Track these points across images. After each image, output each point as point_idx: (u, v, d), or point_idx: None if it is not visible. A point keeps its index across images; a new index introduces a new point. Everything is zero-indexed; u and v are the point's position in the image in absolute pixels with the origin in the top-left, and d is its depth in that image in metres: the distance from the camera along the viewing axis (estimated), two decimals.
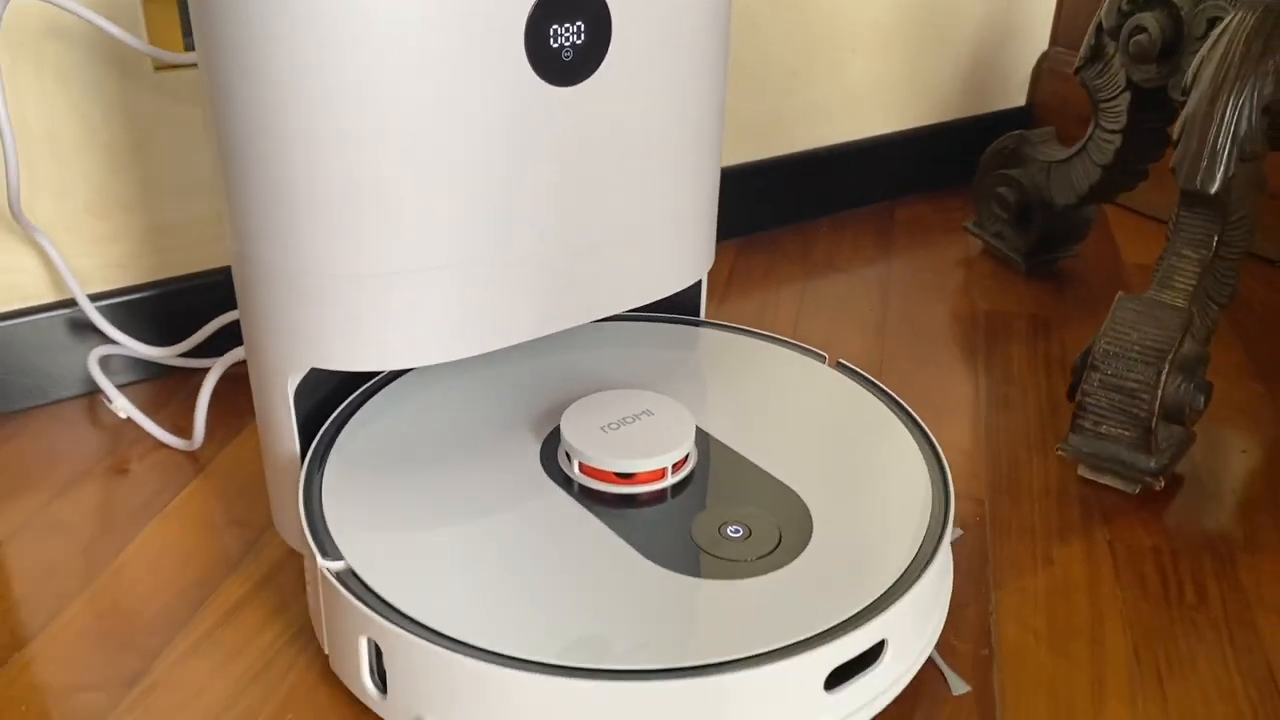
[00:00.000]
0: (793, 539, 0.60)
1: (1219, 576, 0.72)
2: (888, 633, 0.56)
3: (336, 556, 0.58)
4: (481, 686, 0.53)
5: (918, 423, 0.70)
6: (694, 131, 0.69)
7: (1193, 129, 0.74)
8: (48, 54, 0.78)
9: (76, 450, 0.82)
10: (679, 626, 0.54)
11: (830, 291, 1.09)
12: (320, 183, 0.57)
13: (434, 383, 0.74)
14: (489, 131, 0.59)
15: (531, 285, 0.65)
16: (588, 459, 0.64)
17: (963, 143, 1.30)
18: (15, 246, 0.83)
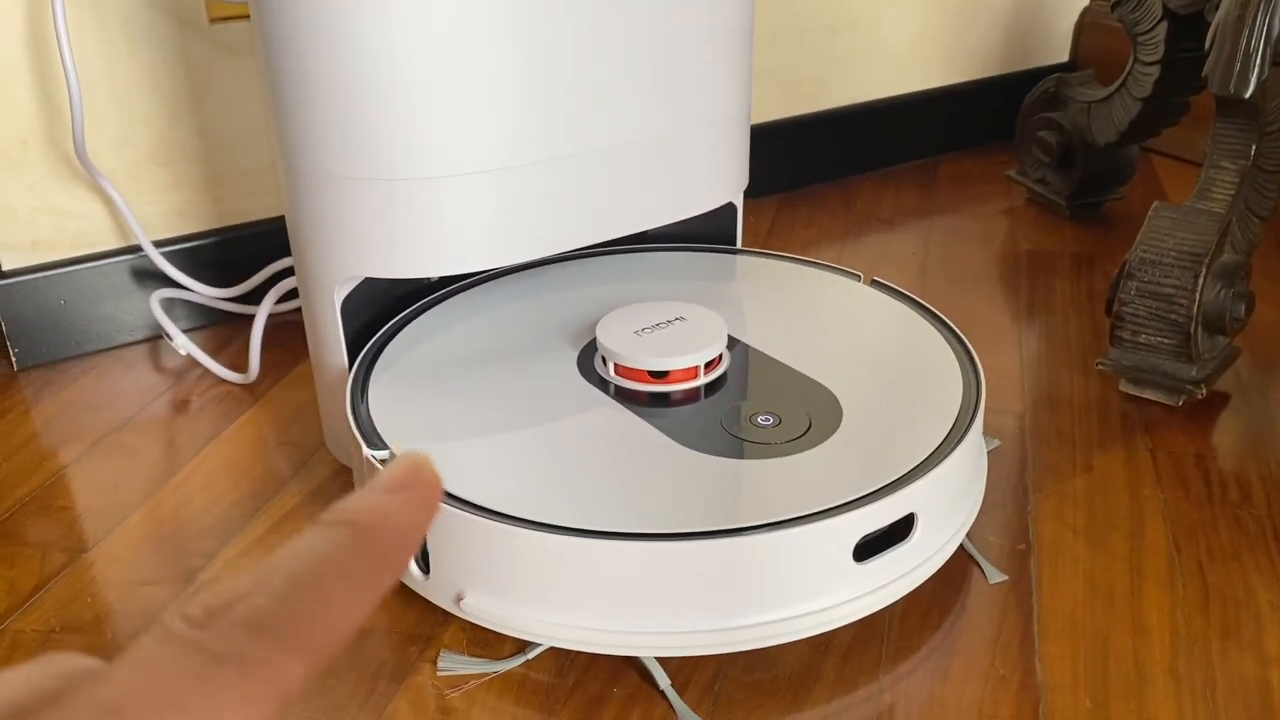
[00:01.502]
0: (822, 426, 0.61)
1: (1264, 479, 0.71)
2: (916, 507, 0.56)
3: (381, 446, 0.61)
4: (520, 555, 0.54)
5: (950, 326, 0.70)
6: (722, 40, 0.71)
7: (1225, 34, 0.74)
8: (109, 7, 0.83)
9: (140, 388, 0.86)
10: (708, 499, 0.56)
11: (872, 240, 1.09)
12: (356, 88, 0.60)
13: (477, 306, 0.76)
14: (519, 34, 0.61)
15: (570, 194, 0.67)
16: (623, 359, 0.65)
17: (1008, 99, 1.30)
18: (81, 194, 0.87)
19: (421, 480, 0.21)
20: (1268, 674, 0.56)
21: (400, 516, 0.20)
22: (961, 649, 0.58)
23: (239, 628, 0.17)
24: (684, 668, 0.56)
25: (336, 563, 0.18)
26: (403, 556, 0.19)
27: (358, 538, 0.19)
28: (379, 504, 0.20)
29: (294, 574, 0.18)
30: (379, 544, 0.19)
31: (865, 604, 0.56)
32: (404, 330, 0.73)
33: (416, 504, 0.20)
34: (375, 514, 0.19)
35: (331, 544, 0.19)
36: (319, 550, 0.18)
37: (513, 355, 0.70)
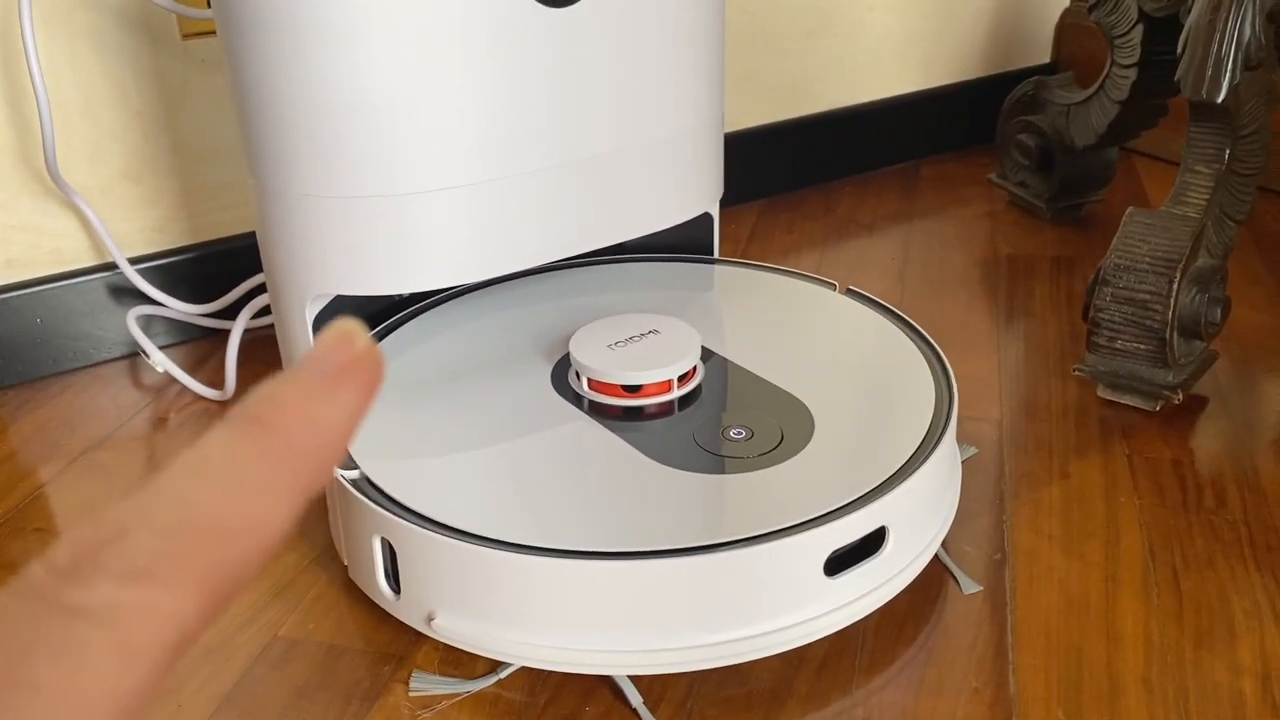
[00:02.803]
0: (795, 439, 0.61)
1: (1240, 483, 0.71)
2: (887, 520, 0.56)
3: (351, 466, 0.60)
4: (490, 575, 0.54)
5: (924, 336, 0.70)
6: (692, 55, 0.71)
7: (1196, 39, 0.74)
8: (79, 22, 0.82)
9: (118, 405, 0.86)
10: (679, 515, 0.56)
11: (852, 245, 1.09)
12: (323, 105, 0.60)
13: (451, 321, 0.76)
14: (487, 55, 0.61)
15: (543, 209, 0.67)
16: (596, 374, 0.65)
17: (989, 101, 1.30)
18: (56, 211, 0.87)
19: (352, 359, 0.17)
20: (1240, 683, 0.56)
21: (325, 409, 0.16)
22: (935, 661, 0.58)
23: (109, 574, 0.14)
24: (656, 685, 0.56)
25: (241, 474, 0.15)
26: (326, 463, 0.16)
27: (270, 439, 0.15)
28: (299, 393, 0.16)
29: (186, 497, 0.15)
30: (296, 447, 0.16)
31: (838, 618, 0.56)
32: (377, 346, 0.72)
33: (346, 391, 0.16)
34: (294, 408, 0.16)
35: (237, 450, 0.15)
36: (219, 460, 0.15)
37: (486, 370, 0.70)
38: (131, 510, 0.15)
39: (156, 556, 0.14)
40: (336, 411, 0.16)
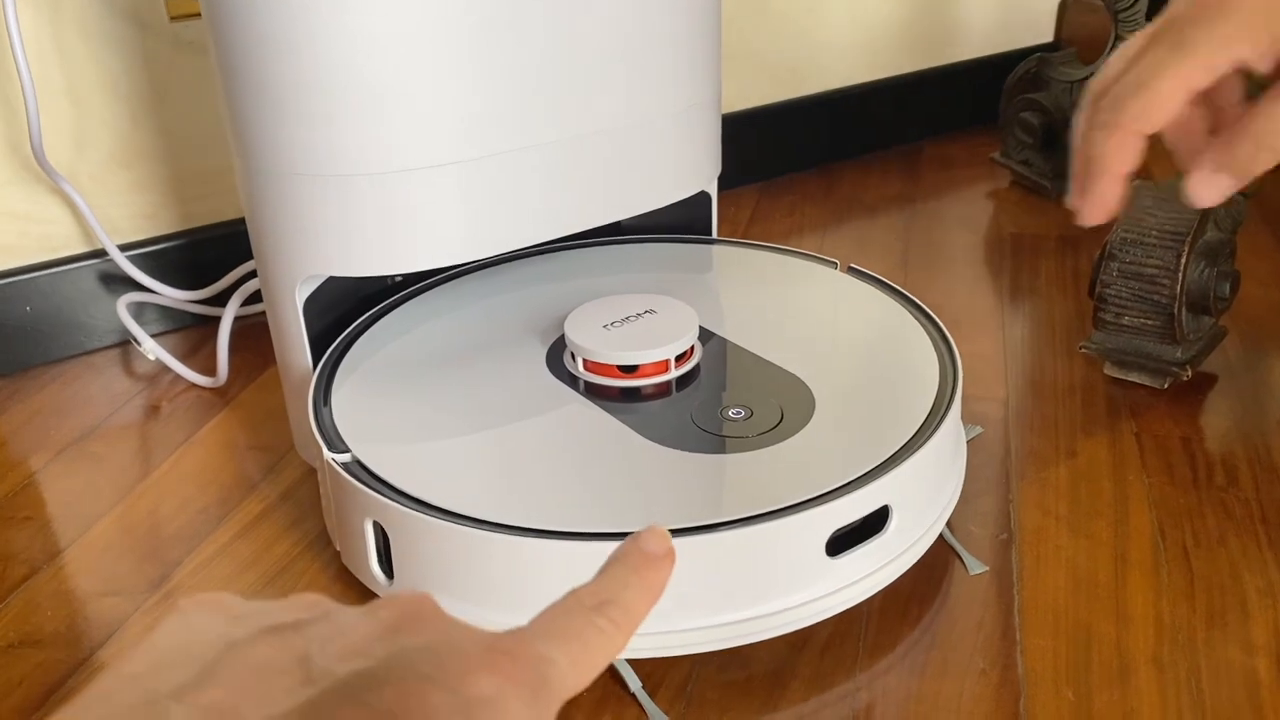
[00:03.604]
0: (795, 418, 0.60)
1: (1251, 460, 0.69)
2: (890, 499, 0.55)
3: (343, 449, 0.59)
4: (484, 558, 0.53)
5: (927, 313, 0.69)
6: (688, 33, 0.69)
7: None
8: (65, 7, 0.81)
9: (110, 393, 0.85)
10: (678, 496, 0.54)
11: (854, 226, 1.08)
12: (310, 82, 0.58)
13: (446, 303, 0.75)
14: (478, 23, 0.60)
15: (538, 187, 0.66)
16: (591, 355, 0.64)
17: (991, 80, 1.28)
18: (44, 198, 0.85)
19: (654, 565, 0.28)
20: (1254, 662, 0.54)
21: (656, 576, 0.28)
22: (941, 643, 0.57)
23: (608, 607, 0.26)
24: (656, 669, 0.55)
25: (629, 590, 0.27)
26: (660, 588, 0.28)
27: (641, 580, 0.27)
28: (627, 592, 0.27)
29: (615, 592, 0.27)
30: (653, 585, 0.28)
31: (840, 599, 0.55)
32: (370, 329, 0.71)
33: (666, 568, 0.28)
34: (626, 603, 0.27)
35: (626, 584, 0.27)
36: (622, 577, 0.27)
37: (481, 353, 0.68)
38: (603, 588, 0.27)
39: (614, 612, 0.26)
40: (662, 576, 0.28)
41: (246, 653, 0.22)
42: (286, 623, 0.23)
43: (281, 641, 0.22)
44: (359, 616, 0.24)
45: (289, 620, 0.23)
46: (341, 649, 0.22)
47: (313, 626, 0.23)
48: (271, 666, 0.22)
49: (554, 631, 0.25)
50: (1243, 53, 0.41)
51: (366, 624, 0.24)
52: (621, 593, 0.26)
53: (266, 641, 0.22)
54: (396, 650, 0.22)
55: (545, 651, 0.24)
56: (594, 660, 0.25)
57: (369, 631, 0.23)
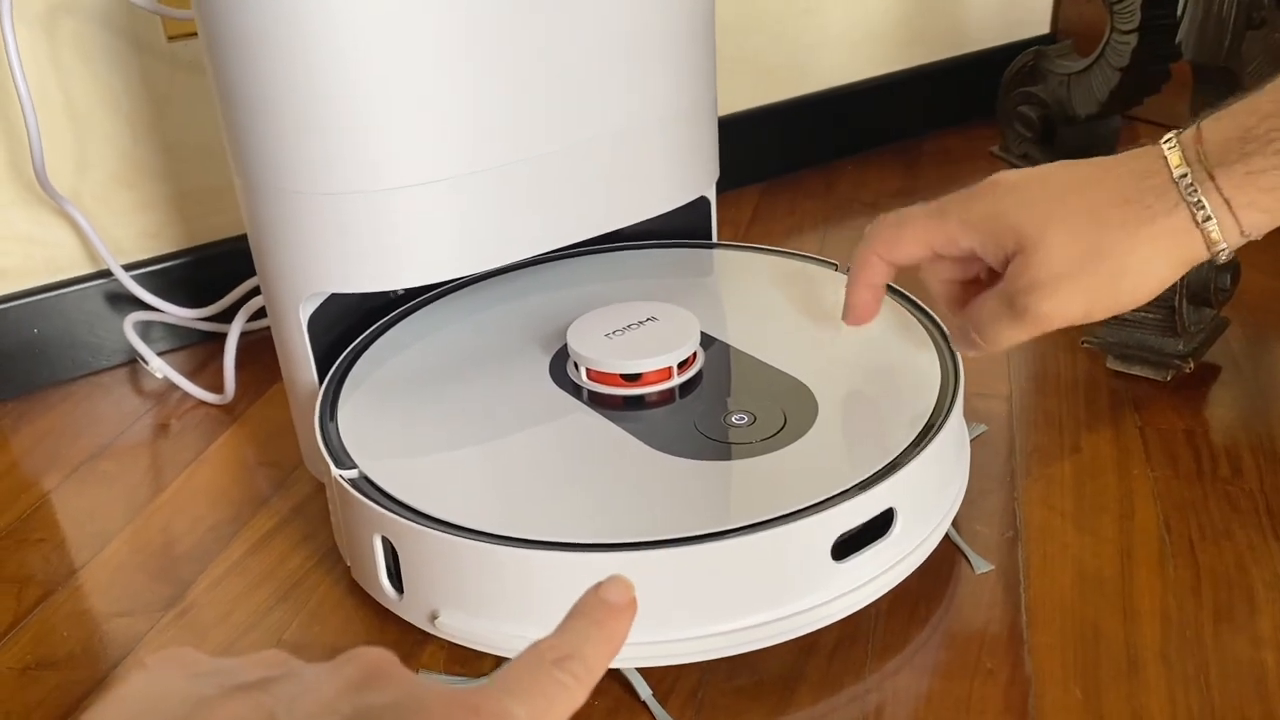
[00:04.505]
0: (798, 422, 0.60)
1: (1256, 451, 0.70)
2: (895, 502, 0.55)
3: (350, 465, 0.60)
4: (492, 570, 0.53)
5: (927, 313, 0.69)
6: (682, 39, 0.69)
7: (1196, 0, 0.73)
8: (62, 29, 0.82)
9: (118, 412, 0.85)
10: (682, 504, 0.55)
11: (854, 224, 1.08)
12: (306, 101, 0.59)
13: (449, 315, 0.75)
14: (473, 42, 0.60)
15: (536, 198, 0.66)
16: (594, 364, 0.64)
17: (989, 74, 1.28)
18: (48, 220, 0.86)
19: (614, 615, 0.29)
20: (1261, 655, 0.54)
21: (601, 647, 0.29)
22: (949, 644, 0.57)
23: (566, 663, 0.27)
24: (666, 677, 0.56)
25: (589, 643, 0.28)
26: (619, 641, 0.29)
27: (602, 631, 0.29)
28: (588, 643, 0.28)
29: (576, 644, 0.28)
30: (611, 637, 0.29)
31: (847, 603, 0.55)
32: (375, 344, 0.72)
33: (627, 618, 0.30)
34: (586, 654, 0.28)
35: (586, 634, 0.28)
36: (579, 636, 0.28)
37: (484, 364, 0.69)
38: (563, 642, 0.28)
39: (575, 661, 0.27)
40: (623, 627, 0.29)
41: (215, 710, 0.22)
42: (253, 681, 0.24)
43: (249, 699, 0.23)
44: (324, 674, 0.24)
45: (255, 679, 0.24)
46: (308, 707, 0.23)
47: (279, 685, 0.24)
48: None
49: (517, 687, 0.26)
50: (972, 242, 0.49)
51: (331, 681, 0.24)
52: (582, 646, 0.27)
53: (235, 699, 0.23)
54: (362, 707, 0.23)
55: (508, 707, 0.24)
56: (556, 715, 0.26)
57: (334, 689, 0.24)
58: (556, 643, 0.27)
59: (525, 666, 0.26)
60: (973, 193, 0.50)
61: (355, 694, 0.24)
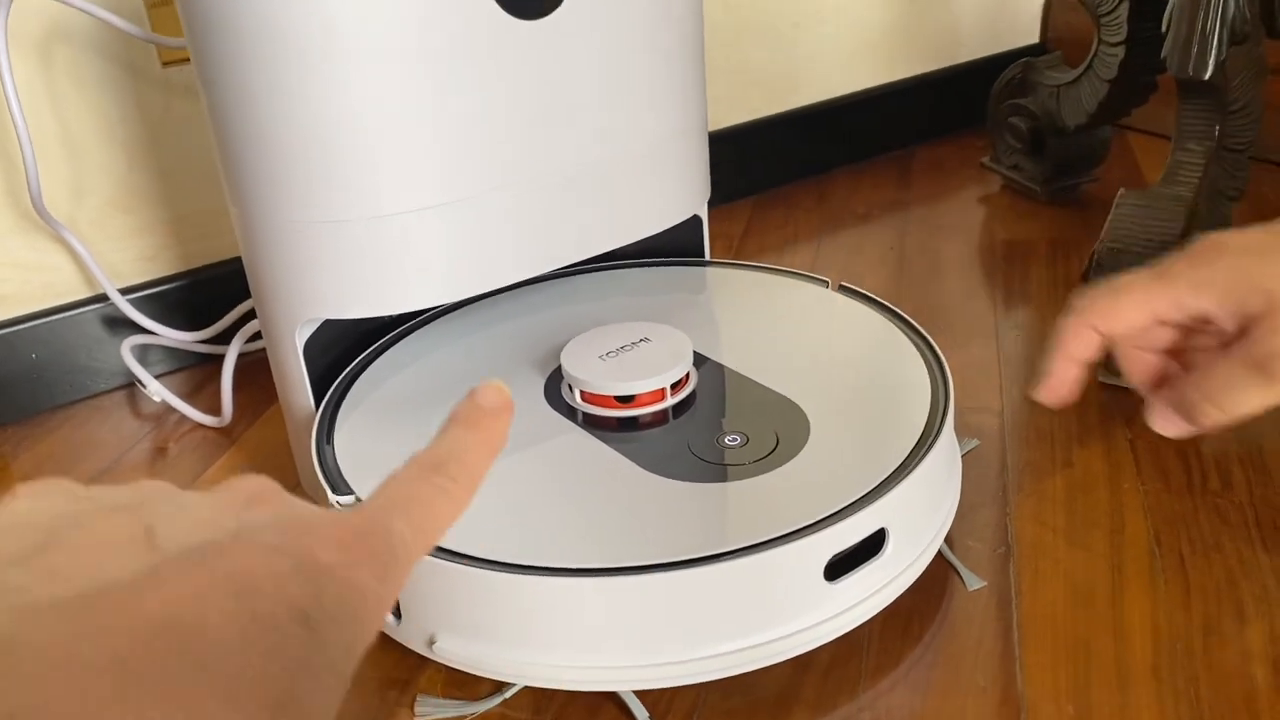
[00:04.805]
0: (790, 442, 0.61)
1: (1245, 463, 0.70)
2: (886, 522, 0.56)
3: (347, 492, 0.60)
4: (489, 596, 0.54)
5: (917, 330, 0.70)
6: (671, 61, 0.70)
7: (1181, 16, 0.73)
8: (57, 57, 0.82)
9: (117, 436, 0.86)
10: (676, 527, 0.55)
11: (847, 236, 1.09)
12: (303, 133, 0.60)
13: (444, 336, 0.76)
14: (458, 70, 0.61)
15: (523, 222, 0.67)
16: (588, 386, 0.65)
17: (980, 83, 1.29)
18: (46, 246, 0.86)
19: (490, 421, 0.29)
20: (1251, 669, 0.55)
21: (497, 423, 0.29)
22: (942, 661, 0.57)
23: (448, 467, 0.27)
24: (662, 699, 0.56)
25: (466, 444, 0.28)
26: (499, 443, 0.29)
27: (475, 435, 0.28)
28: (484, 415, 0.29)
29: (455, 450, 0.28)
30: (490, 440, 0.29)
31: (840, 623, 0.56)
32: (370, 367, 0.72)
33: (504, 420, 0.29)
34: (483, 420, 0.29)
35: (461, 437, 0.28)
36: (458, 439, 0.28)
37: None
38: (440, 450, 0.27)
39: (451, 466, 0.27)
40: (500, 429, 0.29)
41: (90, 525, 0.22)
42: (131, 502, 0.23)
43: (126, 515, 0.22)
44: (205, 497, 0.24)
45: (134, 500, 0.23)
46: (187, 524, 0.22)
47: (158, 505, 0.23)
48: (115, 536, 0.21)
49: (396, 500, 0.25)
50: (1208, 304, 0.46)
51: (211, 503, 0.24)
52: (461, 452, 0.27)
53: (110, 516, 0.22)
54: (244, 525, 0.22)
55: (389, 523, 0.24)
56: (438, 522, 0.26)
57: (214, 509, 0.23)
58: (433, 452, 0.27)
59: (403, 479, 0.26)
60: (1197, 254, 0.47)
61: (235, 514, 0.23)
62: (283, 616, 0.20)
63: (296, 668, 0.20)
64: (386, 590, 0.23)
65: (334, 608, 0.21)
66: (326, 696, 0.21)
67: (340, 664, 0.21)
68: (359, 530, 0.23)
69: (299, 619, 0.21)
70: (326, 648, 0.21)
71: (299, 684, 0.20)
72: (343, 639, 0.22)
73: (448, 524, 0.26)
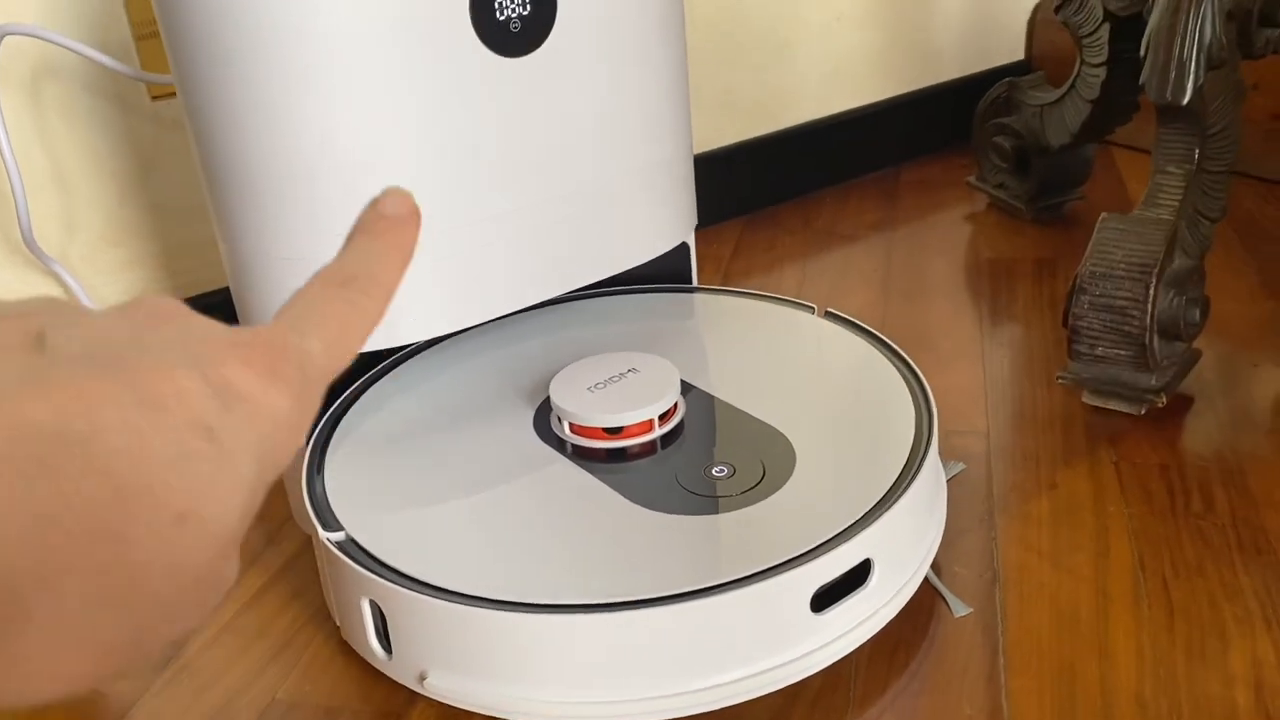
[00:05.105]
0: (776, 473, 0.61)
1: (1227, 484, 0.71)
2: (871, 552, 0.57)
3: (337, 528, 0.61)
4: (478, 633, 0.54)
5: (902, 357, 0.70)
6: (655, 95, 0.71)
7: (1159, 42, 0.74)
8: (46, 94, 0.83)
9: None
10: (665, 561, 0.56)
11: (834, 258, 1.09)
12: (290, 170, 0.60)
13: (433, 368, 0.76)
14: (444, 108, 0.61)
15: (511, 255, 0.67)
16: (577, 418, 0.65)
17: (966, 102, 1.30)
18: (37, 281, 0.87)
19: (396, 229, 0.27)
20: (1233, 694, 0.56)
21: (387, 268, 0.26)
22: (929, 689, 0.58)
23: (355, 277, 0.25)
24: None
25: (371, 253, 0.26)
26: (408, 251, 0.27)
27: (380, 242, 0.27)
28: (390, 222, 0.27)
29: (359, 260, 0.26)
30: (399, 245, 0.27)
31: (827, 654, 0.56)
32: (360, 400, 0.73)
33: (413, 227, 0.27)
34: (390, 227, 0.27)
35: (365, 247, 0.26)
36: (363, 250, 0.26)
37: (469, 419, 0.70)
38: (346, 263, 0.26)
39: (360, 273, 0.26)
40: (409, 238, 0.27)
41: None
42: (23, 311, 0.21)
43: (15, 321, 0.20)
44: (103, 311, 0.23)
45: (26, 309, 0.21)
46: (82, 334, 0.21)
47: (51, 314, 0.21)
48: (2, 342, 0.20)
49: (305, 319, 0.24)
50: None
51: (111, 317, 0.22)
52: (369, 263, 0.26)
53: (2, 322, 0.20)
54: (142, 339, 0.21)
55: (299, 343, 0.23)
56: (350, 339, 0.24)
57: (113, 322, 0.22)
58: (340, 265, 0.25)
59: (310, 296, 0.25)
60: None
61: (135, 327, 0.22)
62: (185, 430, 0.19)
63: (199, 483, 0.19)
64: (298, 411, 0.22)
65: (240, 426, 0.20)
66: (230, 515, 0.20)
67: (247, 483, 0.20)
68: (267, 348, 0.22)
69: (202, 434, 0.20)
70: (232, 466, 0.20)
71: (200, 500, 0.19)
72: (249, 458, 0.21)
73: (361, 340, 0.25)
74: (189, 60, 0.60)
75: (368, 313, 0.25)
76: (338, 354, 0.24)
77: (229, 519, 0.20)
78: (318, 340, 0.23)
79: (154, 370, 0.20)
